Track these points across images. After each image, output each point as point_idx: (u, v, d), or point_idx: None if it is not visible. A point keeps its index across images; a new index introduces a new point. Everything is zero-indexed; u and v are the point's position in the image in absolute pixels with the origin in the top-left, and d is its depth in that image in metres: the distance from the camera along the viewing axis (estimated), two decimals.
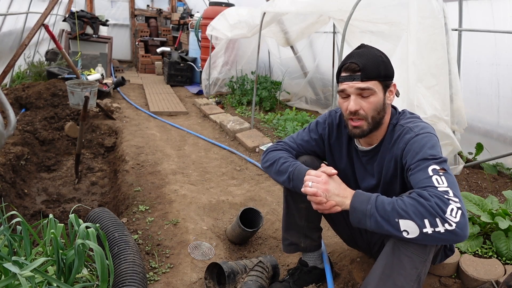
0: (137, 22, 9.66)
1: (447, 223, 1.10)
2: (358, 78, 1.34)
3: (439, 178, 1.18)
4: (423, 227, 1.12)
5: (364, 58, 1.35)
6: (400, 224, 1.14)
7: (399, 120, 1.44)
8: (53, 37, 4.23)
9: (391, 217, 1.15)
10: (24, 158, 3.35)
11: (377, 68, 1.35)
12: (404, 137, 1.36)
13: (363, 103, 1.36)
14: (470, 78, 3.22)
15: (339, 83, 1.41)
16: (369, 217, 1.19)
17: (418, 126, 1.36)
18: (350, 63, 1.36)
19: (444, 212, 1.10)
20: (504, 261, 1.78)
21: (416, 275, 1.21)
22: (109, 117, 4.62)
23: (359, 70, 1.34)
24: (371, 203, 1.20)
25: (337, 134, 1.63)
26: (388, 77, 1.39)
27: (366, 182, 1.54)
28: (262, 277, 1.70)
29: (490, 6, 2.92)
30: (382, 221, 1.17)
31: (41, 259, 1.37)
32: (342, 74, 1.39)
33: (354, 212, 1.24)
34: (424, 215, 1.11)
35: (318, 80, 5.35)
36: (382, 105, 1.38)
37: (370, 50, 1.39)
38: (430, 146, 1.27)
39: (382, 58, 1.38)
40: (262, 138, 3.90)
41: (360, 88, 1.34)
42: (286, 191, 1.67)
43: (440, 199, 1.12)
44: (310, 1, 3.14)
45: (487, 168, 2.97)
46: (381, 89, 1.37)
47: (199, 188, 2.82)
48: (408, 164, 1.29)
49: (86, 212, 2.67)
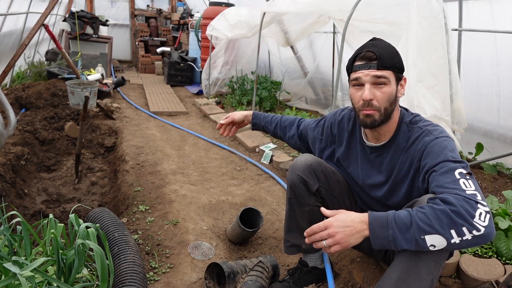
0: (137, 22, 9.66)
1: (474, 229, 1.05)
2: (374, 66, 1.34)
3: (466, 181, 1.15)
4: (450, 239, 1.07)
5: (379, 48, 1.36)
6: (427, 240, 1.09)
7: (417, 122, 1.43)
8: (53, 37, 4.23)
9: (417, 236, 1.09)
10: (24, 158, 3.35)
11: (393, 58, 1.35)
12: (424, 139, 1.34)
13: (377, 92, 1.35)
14: (470, 78, 3.22)
15: (352, 72, 1.40)
16: (393, 242, 1.12)
17: (437, 130, 1.36)
18: (366, 51, 1.36)
19: (472, 217, 1.06)
20: (504, 261, 1.78)
21: (430, 280, 1.19)
22: (109, 117, 4.62)
23: (375, 58, 1.34)
24: (391, 226, 1.12)
25: (338, 131, 1.64)
26: (401, 70, 1.39)
27: (372, 179, 1.53)
28: (262, 277, 1.70)
29: (490, 6, 2.91)
30: (406, 242, 1.11)
31: (41, 259, 1.37)
32: (357, 63, 1.38)
33: (376, 239, 1.15)
34: (450, 225, 1.06)
35: (318, 80, 5.34)
36: (394, 97, 1.37)
37: (384, 42, 1.41)
38: (450, 149, 1.27)
39: (396, 50, 1.39)
40: (262, 138, 3.90)
41: (376, 76, 1.34)
42: (289, 193, 1.65)
43: (468, 203, 1.08)
44: (310, 1, 3.15)
45: (487, 168, 2.97)
46: (395, 81, 1.37)
47: (199, 188, 2.82)
48: (429, 165, 1.27)
49: (86, 212, 2.67)
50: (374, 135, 1.48)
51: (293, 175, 1.61)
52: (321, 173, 1.60)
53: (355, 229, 1.16)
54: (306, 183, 1.58)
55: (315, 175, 1.58)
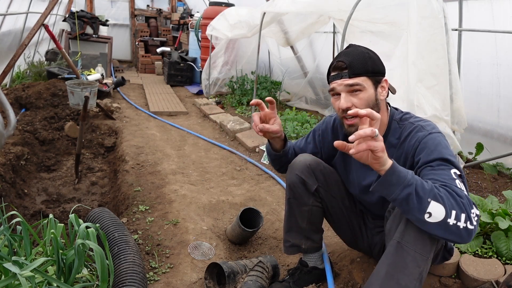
0: (137, 22, 9.66)
1: (469, 221, 1.11)
2: (346, 75, 1.35)
3: (460, 183, 1.18)
4: (448, 217, 1.11)
5: (350, 56, 1.37)
6: (431, 205, 1.11)
7: (408, 119, 1.43)
8: (53, 37, 4.23)
9: (426, 195, 1.11)
10: (24, 158, 3.35)
11: (364, 64, 1.36)
12: (417, 134, 1.35)
13: (354, 99, 1.36)
14: (470, 78, 3.22)
15: (329, 83, 1.43)
16: (406, 186, 1.11)
17: (430, 125, 1.37)
18: (337, 61, 1.38)
19: (471, 212, 1.12)
20: (504, 261, 1.78)
21: (418, 273, 1.21)
22: (109, 117, 4.62)
23: (346, 67, 1.35)
24: (410, 174, 1.14)
25: (332, 136, 1.64)
26: (377, 73, 1.39)
27: (368, 180, 1.53)
28: (262, 277, 1.70)
29: (490, 6, 2.92)
30: (414, 194, 1.11)
31: (41, 259, 1.37)
32: (331, 73, 1.41)
33: (392, 175, 1.13)
34: (454, 206, 1.11)
35: (318, 80, 5.34)
36: (374, 101, 1.37)
37: (356, 48, 1.41)
38: (444, 146, 1.28)
39: (369, 54, 1.39)
40: (262, 138, 3.90)
41: (349, 85, 1.35)
42: (289, 194, 1.65)
43: (469, 200, 1.14)
44: (310, 1, 3.14)
45: (487, 168, 2.97)
46: (371, 85, 1.37)
47: (199, 188, 2.82)
48: (423, 160, 1.28)
49: (86, 212, 2.67)
50: None
51: (292, 175, 1.61)
52: (320, 173, 1.60)
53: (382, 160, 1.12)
54: (305, 183, 1.58)
55: (314, 175, 1.59)
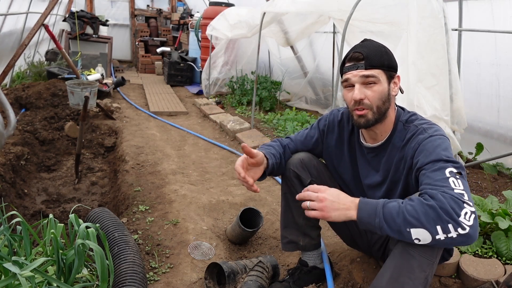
0: (137, 22, 9.66)
1: (460, 227, 1.07)
2: (362, 66, 1.35)
3: (456, 180, 1.15)
4: (435, 234, 1.08)
5: (367, 48, 1.37)
6: (412, 233, 1.11)
7: (413, 121, 1.42)
8: (53, 37, 4.23)
9: (402, 228, 1.12)
10: (24, 158, 3.35)
11: (381, 57, 1.36)
12: (418, 137, 1.34)
13: (368, 91, 1.36)
14: (470, 78, 3.22)
15: (343, 74, 1.42)
16: (378, 229, 1.16)
17: (432, 128, 1.36)
18: (354, 52, 1.38)
19: (458, 215, 1.07)
20: (504, 261, 1.78)
21: (424, 277, 1.20)
22: (109, 117, 4.62)
23: (362, 58, 1.35)
24: (379, 215, 1.16)
25: (338, 131, 1.63)
26: (391, 68, 1.39)
27: (370, 179, 1.53)
28: (262, 277, 1.70)
29: (490, 6, 2.92)
30: (392, 232, 1.14)
31: (41, 259, 1.37)
32: (346, 64, 1.41)
33: (362, 224, 1.20)
34: (437, 221, 1.08)
35: (318, 80, 5.35)
36: (387, 95, 1.38)
37: (373, 42, 1.42)
38: (443, 148, 1.26)
39: (385, 49, 1.40)
40: (262, 138, 3.90)
41: (364, 76, 1.35)
42: (284, 188, 1.68)
43: (455, 201, 1.09)
44: (310, 1, 3.14)
45: (487, 168, 2.97)
46: (385, 79, 1.37)
47: (199, 188, 2.82)
48: (420, 163, 1.27)
49: (86, 212, 2.67)
50: (370, 135, 1.49)
51: (287, 170, 1.65)
52: (313, 168, 1.63)
53: (343, 206, 1.22)
54: (299, 176, 1.61)
55: (307, 169, 1.62)
